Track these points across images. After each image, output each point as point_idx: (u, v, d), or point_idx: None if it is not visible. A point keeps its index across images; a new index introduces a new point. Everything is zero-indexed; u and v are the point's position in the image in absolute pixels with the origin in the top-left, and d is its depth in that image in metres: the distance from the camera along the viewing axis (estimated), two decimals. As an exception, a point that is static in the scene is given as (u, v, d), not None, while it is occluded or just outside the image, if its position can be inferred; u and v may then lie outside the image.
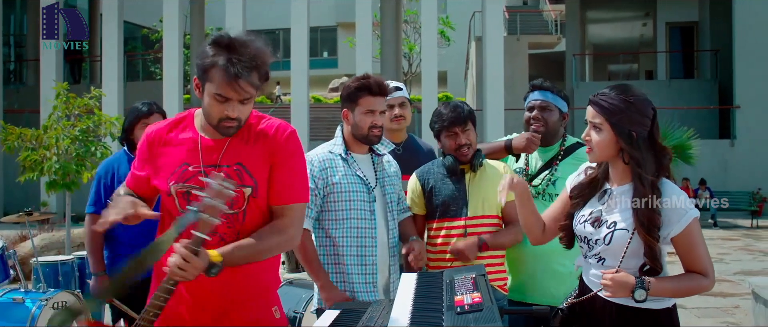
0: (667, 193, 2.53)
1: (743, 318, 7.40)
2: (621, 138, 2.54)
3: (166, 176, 2.47)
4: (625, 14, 30.45)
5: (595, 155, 2.63)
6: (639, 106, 2.55)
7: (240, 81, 2.30)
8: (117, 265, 4.23)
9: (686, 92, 24.09)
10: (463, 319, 2.12)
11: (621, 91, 2.58)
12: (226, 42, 2.32)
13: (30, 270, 6.05)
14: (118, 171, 4.25)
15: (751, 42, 21.02)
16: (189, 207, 2.16)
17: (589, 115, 2.62)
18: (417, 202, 3.67)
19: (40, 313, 4.66)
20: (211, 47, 2.33)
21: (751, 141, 20.73)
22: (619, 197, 2.61)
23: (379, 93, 3.39)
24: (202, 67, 2.33)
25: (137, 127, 4.25)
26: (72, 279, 5.76)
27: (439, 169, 3.66)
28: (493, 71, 18.99)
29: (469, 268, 2.82)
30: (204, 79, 2.35)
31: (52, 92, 9.23)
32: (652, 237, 2.48)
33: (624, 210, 2.57)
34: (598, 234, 2.62)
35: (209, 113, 2.39)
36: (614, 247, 2.57)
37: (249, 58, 2.31)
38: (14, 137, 8.48)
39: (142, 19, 31.55)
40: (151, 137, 2.52)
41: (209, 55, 2.31)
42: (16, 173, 9.48)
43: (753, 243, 14.41)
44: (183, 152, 2.48)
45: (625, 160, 2.58)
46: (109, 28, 20.54)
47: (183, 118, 2.55)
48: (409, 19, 28.89)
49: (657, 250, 2.51)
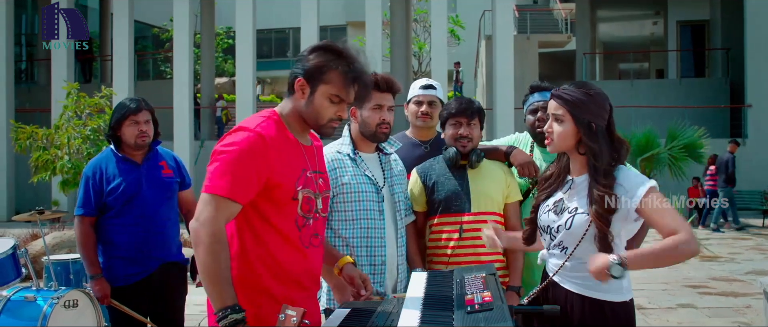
0: (622, 175, 2.68)
1: (755, 318, 7.37)
2: (581, 129, 2.69)
3: (292, 179, 2.50)
4: (635, 13, 30.32)
5: (555, 146, 2.79)
6: (598, 99, 2.72)
7: (357, 84, 2.52)
8: (115, 268, 4.21)
9: (697, 91, 23.94)
10: (474, 319, 2.12)
11: (581, 86, 2.75)
12: (339, 49, 2.51)
13: (41, 268, 6.08)
14: (106, 170, 4.20)
15: (763, 40, 20.87)
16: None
17: (552, 107, 2.77)
18: (418, 199, 3.68)
19: (51, 311, 4.68)
20: (324, 52, 2.50)
21: (762, 140, 20.58)
22: (580, 186, 2.75)
23: (387, 89, 3.42)
24: (318, 69, 2.47)
25: (125, 124, 4.19)
26: (83, 277, 5.77)
27: (440, 165, 3.67)
28: (503, 70, 18.95)
29: (479, 268, 2.83)
30: (318, 81, 2.48)
31: (63, 92, 9.27)
32: (603, 222, 2.61)
33: (584, 197, 2.71)
34: (560, 220, 2.76)
35: (319, 113, 2.51)
36: (574, 231, 2.70)
37: (363, 66, 2.54)
38: (26, 136, 8.53)
39: (152, 19, 31.66)
40: (267, 138, 2.45)
41: (327, 59, 2.47)
42: (27, 172, 9.53)
43: (764, 242, 14.32)
44: (300, 156, 2.56)
45: (581, 151, 2.73)
46: (120, 27, 20.60)
47: (269, 117, 2.55)
48: (418, 18, 28.89)
49: (609, 236, 2.61)
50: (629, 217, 2.64)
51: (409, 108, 4.00)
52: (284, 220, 2.50)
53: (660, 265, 2.59)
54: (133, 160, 4.24)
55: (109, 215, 4.19)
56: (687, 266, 10.93)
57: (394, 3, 22.65)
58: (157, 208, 4.23)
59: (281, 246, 2.49)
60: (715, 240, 14.30)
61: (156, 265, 4.23)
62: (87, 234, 4.19)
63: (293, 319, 2.22)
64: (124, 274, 4.19)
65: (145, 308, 4.25)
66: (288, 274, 2.51)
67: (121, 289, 4.20)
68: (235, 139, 2.42)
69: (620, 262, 2.46)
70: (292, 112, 2.57)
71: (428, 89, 3.97)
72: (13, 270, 5.17)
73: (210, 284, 2.30)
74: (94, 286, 4.22)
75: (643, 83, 25.98)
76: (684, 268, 10.78)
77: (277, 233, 2.49)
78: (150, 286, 4.22)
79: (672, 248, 2.48)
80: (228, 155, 2.38)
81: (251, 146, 2.40)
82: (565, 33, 26.26)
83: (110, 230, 4.20)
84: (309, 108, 2.52)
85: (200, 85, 24.51)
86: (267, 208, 2.46)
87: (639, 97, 23.11)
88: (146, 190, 4.20)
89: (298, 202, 2.51)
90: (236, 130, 2.46)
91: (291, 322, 2.22)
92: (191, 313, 6.99)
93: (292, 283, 2.52)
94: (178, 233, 4.46)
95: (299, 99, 2.53)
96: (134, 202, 4.16)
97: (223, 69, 34.25)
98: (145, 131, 4.21)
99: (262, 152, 2.41)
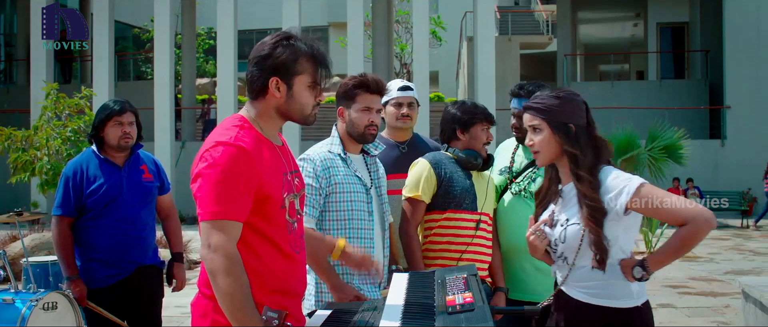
0: (608, 176, 2.64)
1: (733, 317, 7.43)
2: (559, 133, 2.65)
3: (278, 188, 2.44)
4: (616, 14, 30.53)
5: (542, 157, 2.74)
6: (569, 99, 2.70)
7: (323, 64, 2.51)
8: (92, 270, 4.18)
9: (677, 92, 24.14)
10: (455, 319, 2.13)
11: (551, 91, 2.76)
12: (293, 35, 2.48)
13: (20, 270, 6.01)
14: (87, 171, 4.16)
15: (742, 42, 21.10)
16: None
17: (527, 120, 2.74)
18: (427, 191, 3.64)
19: (30, 313, 4.63)
20: (286, 44, 2.44)
21: (741, 141, 20.79)
22: (568, 195, 2.71)
23: (377, 91, 3.43)
24: (290, 62, 2.43)
25: (109, 125, 4.16)
26: (62, 279, 5.73)
27: (450, 161, 3.69)
28: (484, 71, 18.99)
29: (461, 268, 2.83)
30: (292, 74, 2.44)
31: (43, 92, 9.19)
32: (596, 225, 2.57)
33: (573, 205, 2.67)
34: (555, 234, 2.71)
35: (303, 105, 2.48)
36: (570, 242, 2.66)
37: (317, 44, 2.53)
38: (3, 138, 8.44)
39: (132, 19, 31.40)
40: (249, 150, 2.36)
41: (293, 50, 2.43)
42: (5, 173, 9.42)
43: (743, 243, 14.47)
44: (278, 160, 2.50)
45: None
46: (100, 27, 20.41)
47: (241, 126, 2.44)
48: (400, 19, 28.87)
49: (604, 241, 2.58)
50: (621, 217, 2.61)
51: (387, 110, 3.98)
52: (276, 230, 2.44)
53: (680, 253, 2.63)
54: (114, 162, 4.22)
55: (87, 217, 4.16)
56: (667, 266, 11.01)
57: (376, 4, 22.64)
58: (137, 212, 4.21)
59: (276, 257, 2.42)
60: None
61: (133, 268, 4.21)
62: (64, 234, 4.15)
63: (275, 321, 2.21)
64: (101, 276, 4.17)
65: (122, 311, 4.22)
66: (283, 285, 2.44)
67: (98, 291, 4.18)
68: (216, 156, 2.31)
69: (642, 265, 2.55)
70: (264, 113, 2.48)
71: (406, 91, 3.99)
72: (-9, 272, 5.12)
73: (235, 310, 2.20)
74: (71, 288, 4.19)
75: (623, 84, 26.19)
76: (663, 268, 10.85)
77: (272, 245, 2.42)
78: (127, 289, 4.20)
79: (691, 232, 2.54)
80: (214, 176, 2.29)
81: (236, 162, 2.31)
82: (547, 34, 26.38)
83: (88, 233, 4.17)
84: (291, 103, 2.46)
85: (181, 86, 24.38)
86: (258, 221, 2.38)
87: (619, 99, 23.26)
88: (127, 193, 4.18)
89: (286, 209, 2.47)
90: (214, 146, 2.34)
91: (273, 323, 2.21)
92: (171, 314, 6.98)
93: (286, 294, 2.46)
94: (154, 237, 4.46)
95: (275, 97, 2.45)
96: (114, 205, 4.13)
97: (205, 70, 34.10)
98: (129, 133, 4.18)
99: (247, 166, 2.32)
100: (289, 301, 2.45)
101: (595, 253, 2.60)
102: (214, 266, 2.22)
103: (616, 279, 2.63)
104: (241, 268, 2.24)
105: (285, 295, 2.44)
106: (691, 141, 15.58)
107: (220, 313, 2.33)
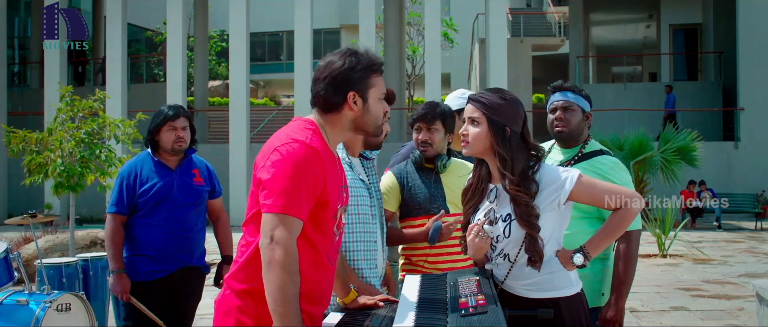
0: (545, 171, 2.76)
1: (748, 320, 7.39)
2: (495, 131, 2.72)
3: (335, 197, 2.47)
4: (628, 16, 30.42)
5: (471, 148, 2.79)
6: (513, 104, 2.77)
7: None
8: (137, 264, 4.33)
9: (690, 94, 24.03)
10: (468, 321, 2.13)
11: (497, 91, 2.81)
12: (359, 51, 2.52)
13: (34, 272, 6.06)
14: (141, 173, 4.36)
15: (755, 44, 20.96)
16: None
17: (468, 111, 2.80)
18: (391, 200, 3.70)
19: (43, 314, 4.67)
20: (356, 59, 2.47)
21: (755, 143, 20.66)
22: (503, 192, 2.77)
23: (387, 99, 3.43)
24: (365, 77, 2.47)
25: (163, 129, 4.35)
26: (76, 281, 5.76)
27: (411, 168, 3.72)
28: (496, 73, 18.99)
29: (473, 270, 2.83)
30: (367, 88, 2.47)
31: (56, 95, 9.24)
32: (532, 227, 2.67)
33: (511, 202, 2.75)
34: (497, 230, 2.76)
35: (377, 117, 2.53)
36: (515, 236, 2.72)
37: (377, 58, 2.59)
38: (18, 140, 8.48)
39: (145, 22, 31.62)
40: (321, 153, 2.38)
41: (364, 65, 2.47)
42: (20, 175, 9.48)
43: (757, 245, 14.37)
44: (338, 172, 2.55)
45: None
46: (113, 30, 20.55)
47: (314, 130, 2.46)
48: (412, 22, 28.90)
49: (538, 241, 2.68)
50: (561, 208, 2.72)
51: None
52: (322, 238, 2.44)
53: (615, 235, 2.85)
54: (167, 165, 4.40)
55: (138, 215, 4.34)
56: (680, 269, 10.97)
57: (388, 6, 22.68)
58: (185, 212, 4.38)
59: (313, 263, 2.41)
60: (708, 243, 14.34)
61: (177, 267, 4.36)
62: (116, 231, 4.32)
63: None
64: (144, 270, 4.31)
65: (159, 307, 4.35)
66: (313, 292, 2.43)
67: (139, 284, 4.31)
68: (291, 151, 2.33)
69: (581, 251, 2.72)
70: (337, 125, 2.49)
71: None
72: (5, 273, 5.16)
73: (280, 305, 2.20)
74: (114, 281, 4.30)
75: (636, 86, 26.07)
76: (677, 271, 10.81)
77: (314, 250, 2.41)
78: (167, 287, 4.35)
79: (624, 214, 2.74)
80: (288, 170, 2.30)
81: (309, 161, 2.33)
82: (559, 36, 26.34)
83: (138, 229, 4.35)
84: (367, 116, 2.49)
85: (193, 88, 24.49)
86: (308, 225, 2.36)
87: (632, 101, 23.19)
88: (177, 194, 4.35)
89: (336, 220, 2.49)
90: (290, 142, 2.35)
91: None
92: (204, 313, 6.97)
93: (313, 301, 2.45)
94: (203, 240, 4.57)
95: (352, 111, 2.46)
96: (164, 205, 4.31)
97: (217, 72, 34.24)
98: (182, 137, 4.37)
99: (318, 168, 2.35)
100: (313, 309, 2.45)
101: (526, 249, 2.69)
102: (273, 258, 2.22)
103: (556, 269, 2.74)
104: (297, 267, 2.26)
105: (311, 302, 2.42)
106: (705, 143, 15.52)
107: (245, 314, 2.35)
